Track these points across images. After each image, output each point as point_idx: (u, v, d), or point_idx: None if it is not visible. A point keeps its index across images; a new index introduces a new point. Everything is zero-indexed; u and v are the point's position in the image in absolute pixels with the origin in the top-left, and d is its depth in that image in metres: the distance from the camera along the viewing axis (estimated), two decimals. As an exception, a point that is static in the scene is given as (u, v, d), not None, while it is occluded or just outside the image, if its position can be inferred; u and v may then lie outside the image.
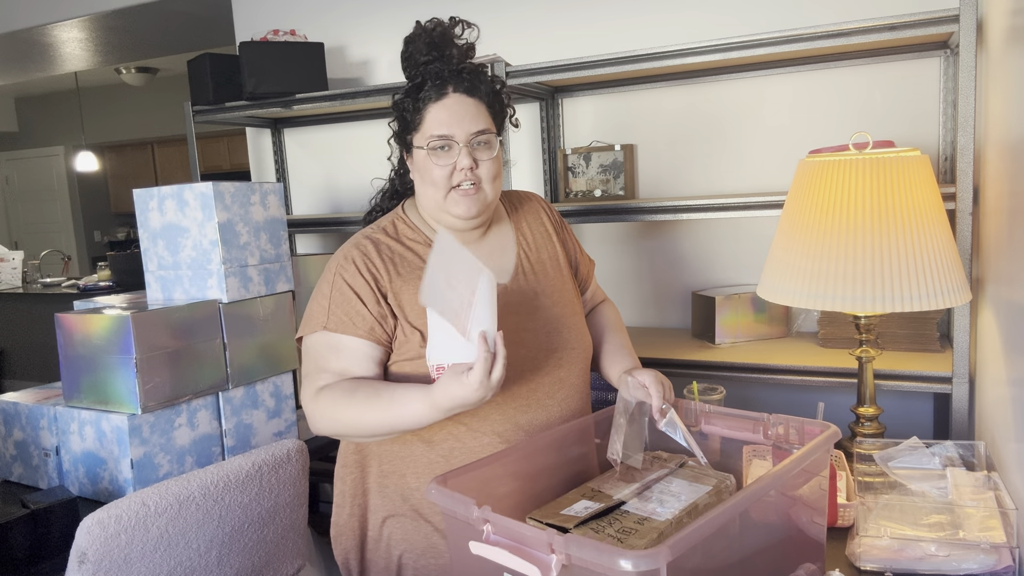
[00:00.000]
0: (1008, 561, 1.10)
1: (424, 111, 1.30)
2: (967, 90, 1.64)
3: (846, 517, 1.26)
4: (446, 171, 1.28)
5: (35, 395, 1.96)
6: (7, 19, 3.78)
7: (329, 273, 1.32)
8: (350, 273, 1.29)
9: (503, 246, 1.41)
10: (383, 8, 2.77)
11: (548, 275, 1.42)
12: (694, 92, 2.33)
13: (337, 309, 1.27)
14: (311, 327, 1.29)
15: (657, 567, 0.75)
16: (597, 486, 1.14)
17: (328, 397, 1.23)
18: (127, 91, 7.63)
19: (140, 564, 1.27)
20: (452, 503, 0.93)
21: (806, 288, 1.37)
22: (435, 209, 1.33)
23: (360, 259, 1.30)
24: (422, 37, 1.33)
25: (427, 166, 1.30)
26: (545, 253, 1.45)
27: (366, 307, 1.27)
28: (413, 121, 1.31)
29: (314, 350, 1.29)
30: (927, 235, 1.33)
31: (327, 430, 1.25)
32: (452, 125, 1.28)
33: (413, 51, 1.33)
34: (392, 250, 1.33)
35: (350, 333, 1.26)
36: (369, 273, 1.29)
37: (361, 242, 1.33)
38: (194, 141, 2.90)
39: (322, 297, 1.30)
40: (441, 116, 1.29)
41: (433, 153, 1.28)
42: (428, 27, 1.33)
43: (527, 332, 1.33)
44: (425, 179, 1.31)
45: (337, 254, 1.34)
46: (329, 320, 1.27)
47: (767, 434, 1.19)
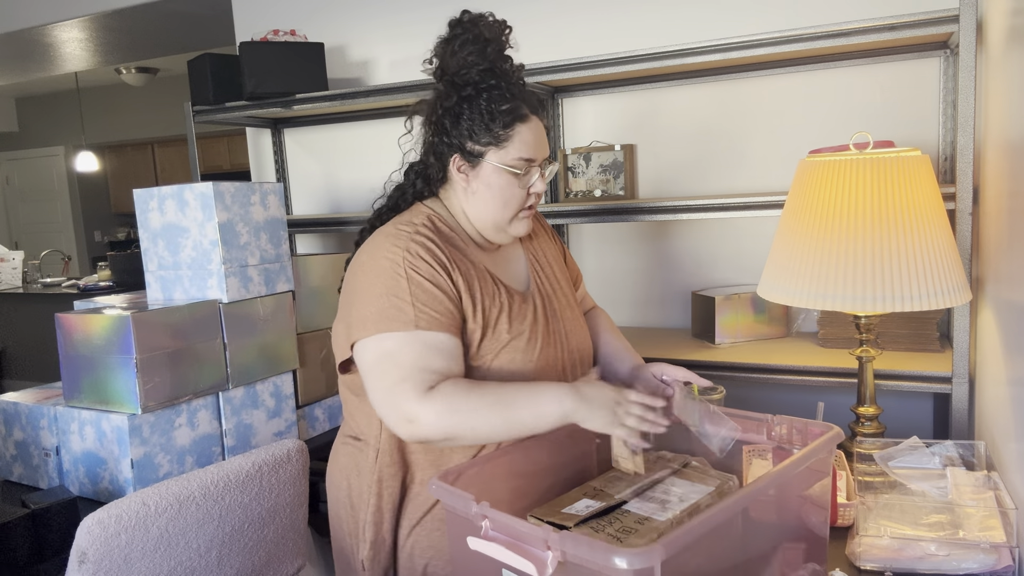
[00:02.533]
0: (1008, 561, 1.10)
1: (511, 130, 1.26)
2: (967, 90, 1.64)
3: (846, 517, 1.26)
4: (523, 193, 1.29)
5: (35, 395, 1.96)
6: (7, 19, 3.78)
7: (394, 268, 1.21)
8: (424, 268, 1.21)
9: (513, 255, 1.42)
10: (383, 8, 2.77)
11: (558, 281, 1.44)
12: (694, 92, 2.33)
13: (425, 307, 1.19)
14: (395, 326, 1.18)
15: (651, 565, 0.75)
16: (600, 485, 1.14)
17: (453, 393, 1.15)
18: (127, 91, 7.63)
19: (140, 564, 1.27)
20: (452, 499, 0.93)
21: (806, 288, 1.38)
22: (491, 225, 1.31)
23: (428, 253, 1.23)
24: (493, 43, 1.29)
25: (503, 185, 1.27)
26: (549, 257, 1.47)
27: (449, 299, 1.21)
28: (496, 136, 1.26)
29: (404, 351, 1.17)
30: (927, 235, 1.33)
31: (448, 429, 1.14)
32: (537, 150, 1.29)
33: (474, 51, 1.28)
34: (443, 245, 1.27)
35: (442, 330, 1.19)
36: (443, 267, 1.23)
37: (416, 237, 1.25)
38: (194, 141, 2.90)
39: (398, 292, 1.19)
40: (528, 139, 1.27)
41: (517, 176, 1.28)
42: (495, 27, 1.31)
43: (553, 335, 1.35)
44: (496, 196, 1.28)
45: (388, 250, 1.24)
46: (419, 319, 1.18)
47: (771, 435, 1.19)
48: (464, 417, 1.13)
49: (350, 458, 1.37)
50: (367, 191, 2.92)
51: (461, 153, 1.29)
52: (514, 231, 1.33)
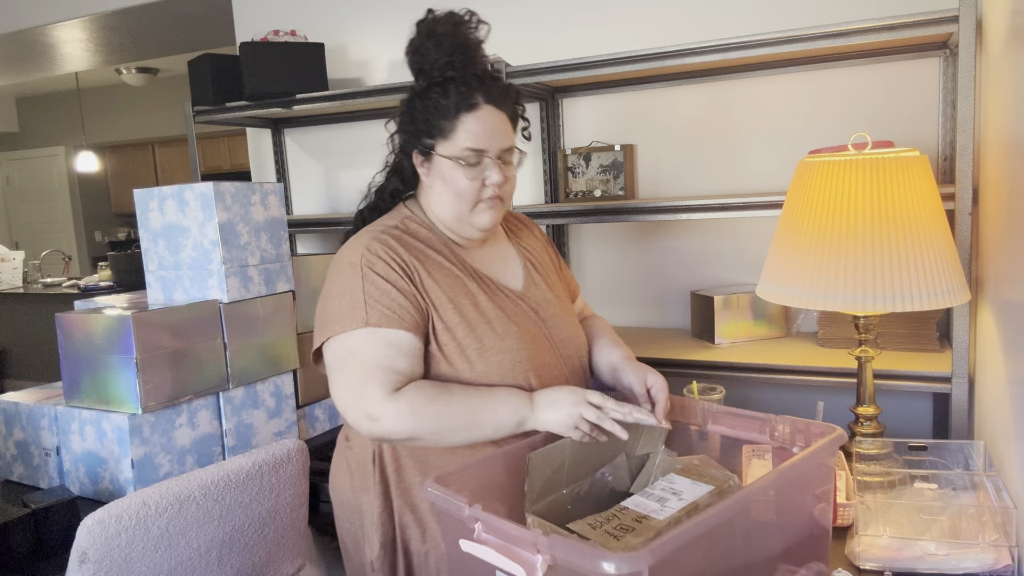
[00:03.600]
0: (1007, 560, 1.10)
1: (456, 120, 1.25)
2: (967, 90, 1.64)
3: (845, 516, 1.26)
4: (475, 185, 1.27)
5: (36, 395, 1.96)
6: (7, 19, 3.78)
7: (351, 268, 1.24)
8: (380, 266, 1.23)
9: (505, 256, 1.41)
10: (383, 8, 2.78)
11: (554, 284, 1.44)
12: (694, 92, 2.33)
13: (377, 304, 1.20)
14: (349, 325, 1.21)
15: (639, 569, 0.75)
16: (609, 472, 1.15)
17: (418, 397, 1.17)
18: (127, 91, 7.63)
19: (141, 564, 1.27)
20: (445, 501, 0.94)
21: (806, 288, 1.38)
22: (453, 219, 1.31)
23: (385, 252, 1.24)
24: (447, 37, 1.28)
25: (454, 177, 1.26)
26: (546, 265, 1.46)
27: (405, 298, 1.22)
28: (440, 128, 1.26)
29: (367, 349, 1.20)
30: (926, 235, 1.33)
31: (410, 431, 1.17)
32: (486, 139, 1.26)
33: (431, 47, 1.28)
34: (414, 247, 1.28)
35: (395, 326, 1.20)
36: (399, 265, 1.24)
37: (379, 236, 1.27)
38: (195, 141, 2.90)
39: (352, 293, 1.22)
40: (475, 128, 1.25)
41: (464, 167, 1.26)
42: (449, 20, 1.29)
43: (545, 339, 1.33)
44: (449, 189, 1.28)
45: (351, 251, 1.27)
46: (370, 316, 1.20)
47: (773, 435, 1.19)
48: (427, 421, 1.17)
49: (351, 459, 1.37)
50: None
51: (418, 148, 1.30)
52: (477, 223, 1.30)
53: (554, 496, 1.11)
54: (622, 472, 1.21)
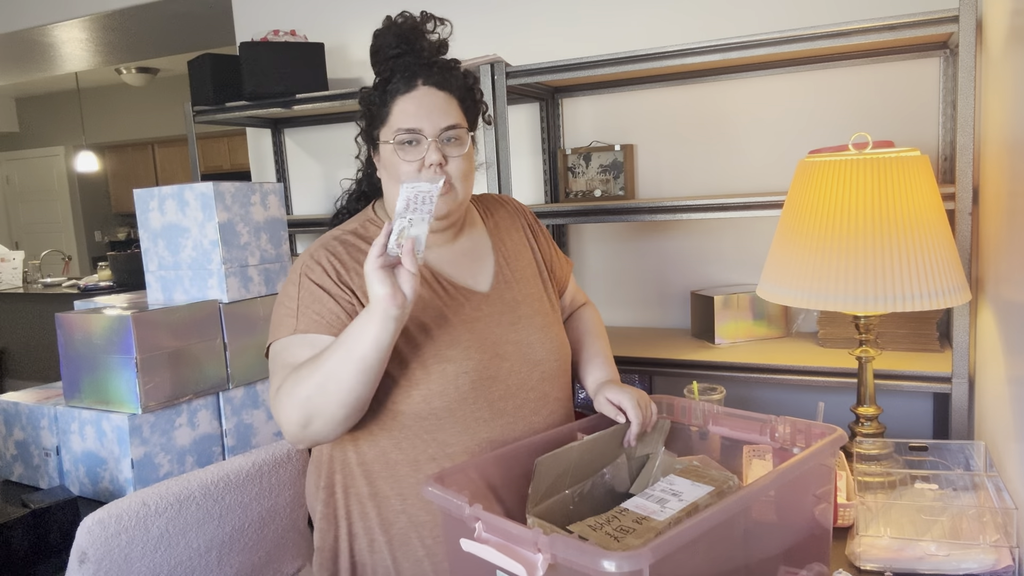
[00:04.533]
0: (1008, 561, 1.10)
1: (391, 104, 1.23)
2: (967, 90, 1.64)
3: (846, 517, 1.26)
4: (414, 167, 1.21)
5: (36, 395, 1.96)
6: (7, 19, 3.78)
7: (295, 275, 1.24)
8: (317, 273, 1.21)
9: (479, 252, 1.35)
10: (383, 8, 2.77)
11: (528, 283, 1.36)
12: (694, 92, 2.33)
13: (307, 310, 1.19)
14: (280, 333, 1.20)
15: (639, 568, 0.75)
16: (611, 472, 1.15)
17: (290, 379, 1.13)
18: (127, 91, 7.64)
19: (140, 564, 1.27)
20: (445, 501, 0.94)
21: (806, 288, 1.38)
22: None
23: (326, 259, 1.23)
24: (391, 29, 1.26)
25: (393, 161, 1.22)
26: (523, 260, 1.38)
27: (338, 304, 1.20)
28: (380, 115, 1.25)
29: (284, 352, 1.19)
30: (927, 235, 1.33)
31: (295, 418, 1.10)
32: (420, 118, 1.21)
33: (382, 44, 1.26)
34: (361, 251, 1.25)
35: (323, 332, 1.17)
36: (335, 272, 1.22)
37: (328, 243, 1.26)
38: (194, 141, 2.90)
39: (289, 300, 1.22)
40: (408, 108, 1.22)
41: (400, 148, 1.21)
42: (398, 20, 1.27)
43: (510, 344, 1.26)
44: (391, 176, 1.24)
45: (299, 260, 1.26)
46: (299, 323, 1.18)
47: (773, 436, 1.19)
48: (304, 388, 1.09)
49: (313, 463, 1.33)
50: (367, 191, 2.93)
51: (373, 145, 1.29)
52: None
53: (555, 498, 1.11)
54: (622, 473, 1.21)
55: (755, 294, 2.15)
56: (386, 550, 1.22)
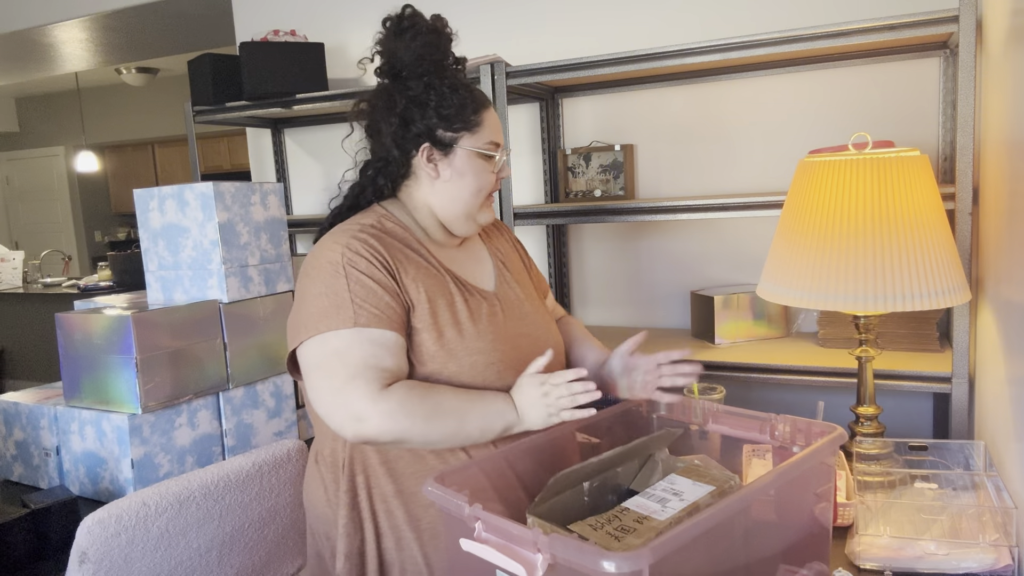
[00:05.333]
0: (1007, 560, 1.10)
1: (481, 114, 1.27)
2: (967, 90, 1.64)
3: (845, 516, 1.26)
4: (492, 178, 1.29)
5: (36, 395, 1.96)
6: (7, 19, 3.78)
7: (334, 266, 1.20)
8: (363, 265, 1.19)
9: (479, 256, 1.39)
10: (383, 8, 2.77)
11: (523, 285, 1.41)
12: (694, 92, 2.33)
13: (364, 303, 1.17)
14: (335, 324, 1.16)
15: (639, 568, 0.75)
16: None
17: (408, 397, 1.13)
18: (127, 91, 7.63)
19: (140, 564, 1.27)
20: (445, 501, 0.94)
21: (806, 288, 1.38)
22: (461, 215, 1.30)
23: (367, 250, 1.21)
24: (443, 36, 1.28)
25: (477, 170, 1.27)
26: (515, 265, 1.44)
27: (391, 296, 1.19)
28: (468, 121, 1.26)
29: (352, 349, 1.15)
30: (927, 235, 1.33)
31: (399, 432, 1.13)
32: (501, 135, 1.31)
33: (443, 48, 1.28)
34: (392, 245, 1.26)
35: (383, 327, 1.17)
36: (382, 263, 1.21)
37: (358, 235, 1.23)
38: (194, 141, 2.90)
39: (336, 291, 1.18)
40: (495, 124, 1.30)
41: (488, 160, 1.28)
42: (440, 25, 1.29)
43: (523, 338, 1.31)
44: (469, 183, 1.27)
45: (330, 250, 1.22)
46: (358, 316, 1.16)
47: (773, 435, 1.19)
48: (416, 422, 1.13)
49: (322, 471, 1.31)
50: (367, 191, 2.93)
51: (431, 142, 1.27)
52: (482, 219, 1.32)
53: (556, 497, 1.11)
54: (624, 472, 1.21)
55: (755, 294, 2.15)
56: (415, 546, 1.23)
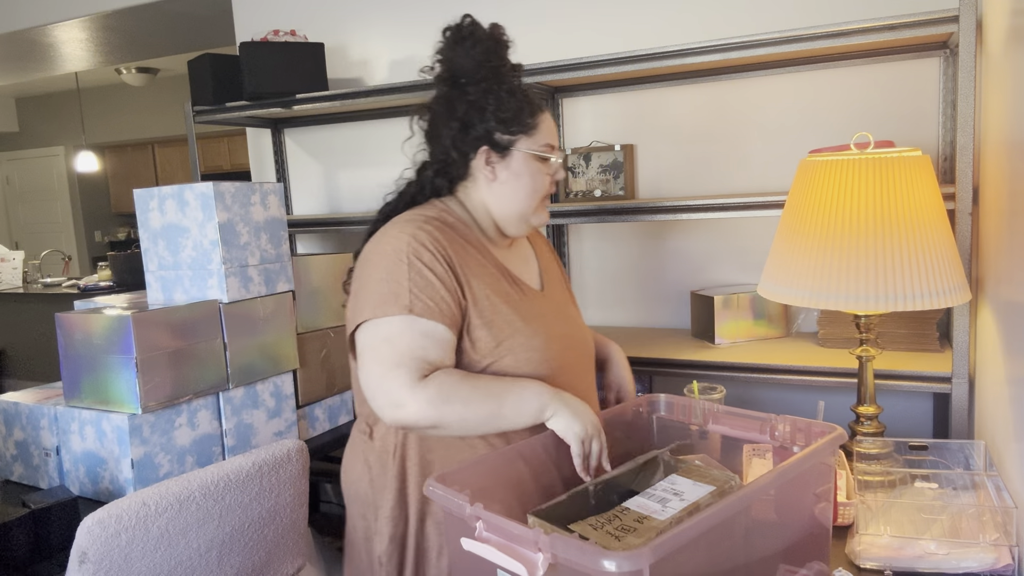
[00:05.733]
0: (1007, 560, 1.10)
1: (538, 117, 1.31)
2: (967, 90, 1.64)
3: (846, 516, 1.26)
4: (548, 180, 1.33)
5: (35, 395, 1.96)
6: (7, 19, 3.78)
7: (398, 253, 1.23)
8: (427, 257, 1.23)
9: (526, 256, 1.45)
10: (383, 8, 2.78)
11: (564, 289, 1.49)
12: (694, 92, 2.33)
13: (421, 294, 1.21)
14: (390, 310, 1.20)
15: (639, 568, 0.75)
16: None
17: (445, 383, 1.17)
18: (127, 91, 7.63)
19: (140, 563, 1.27)
20: (447, 500, 0.94)
21: (807, 287, 1.38)
22: (516, 216, 1.34)
23: (431, 242, 1.25)
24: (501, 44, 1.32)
25: (533, 172, 1.31)
26: (555, 270, 1.51)
27: (447, 291, 1.23)
28: (526, 124, 1.29)
29: (402, 337, 1.19)
30: (927, 235, 1.33)
31: (436, 417, 1.17)
32: (556, 138, 1.34)
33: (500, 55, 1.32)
34: (454, 240, 1.29)
35: (436, 319, 1.21)
36: (444, 256, 1.25)
37: (423, 227, 1.27)
38: (194, 141, 2.90)
39: (396, 278, 1.22)
40: (551, 127, 1.33)
41: (543, 162, 1.31)
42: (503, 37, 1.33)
43: (569, 338, 1.36)
44: (525, 185, 1.31)
45: (395, 238, 1.26)
46: (413, 305, 1.20)
47: (773, 435, 1.19)
48: (454, 407, 1.17)
49: (368, 452, 1.34)
50: (367, 191, 2.92)
51: (490, 145, 1.30)
52: (536, 221, 1.36)
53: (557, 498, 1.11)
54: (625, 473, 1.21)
55: (755, 294, 2.15)
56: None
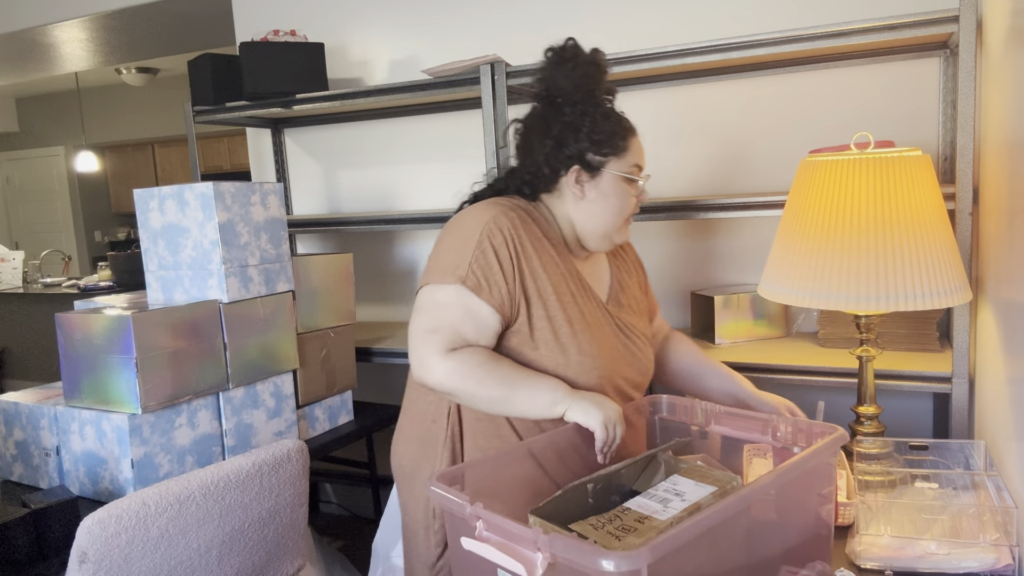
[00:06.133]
0: (1008, 560, 1.10)
1: (629, 140, 1.35)
2: (967, 90, 1.64)
3: (846, 516, 1.26)
4: (633, 200, 1.36)
5: (36, 395, 1.96)
6: (7, 19, 3.78)
7: (472, 229, 1.29)
8: (498, 240, 1.28)
9: (600, 270, 1.48)
10: (383, 8, 2.78)
11: (636, 305, 1.50)
12: (694, 92, 2.33)
13: (478, 270, 1.26)
14: (446, 277, 1.27)
15: (638, 567, 0.75)
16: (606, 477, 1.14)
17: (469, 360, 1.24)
18: (127, 91, 7.63)
19: (140, 563, 1.27)
20: (447, 500, 0.94)
21: (807, 287, 1.38)
22: (599, 234, 1.37)
23: (509, 230, 1.29)
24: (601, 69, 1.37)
25: (620, 192, 1.35)
26: (632, 285, 1.52)
27: (504, 278, 1.27)
28: (617, 146, 1.34)
29: (449, 307, 1.27)
30: (927, 235, 1.33)
31: (452, 387, 1.24)
32: (644, 160, 1.38)
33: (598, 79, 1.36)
34: (534, 233, 1.34)
35: (483, 299, 1.26)
36: (514, 247, 1.29)
37: (507, 213, 1.32)
38: (194, 141, 2.90)
39: (462, 251, 1.28)
40: (640, 149, 1.37)
41: (631, 183, 1.35)
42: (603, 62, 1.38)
43: (623, 354, 1.39)
44: (612, 204, 1.35)
45: (481, 212, 1.32)
46: (467, 275, 1.26)
47: (775, 435, 1.19)
48: (467, 384, 1.24)
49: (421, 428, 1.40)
50: (367, 191, 2.92)
51: (581, 164, 1.34)
52: (618, 239, 1.39)
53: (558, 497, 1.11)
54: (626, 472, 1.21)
55: (755, 294, 2.15)
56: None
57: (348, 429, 2.34)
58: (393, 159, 2.85)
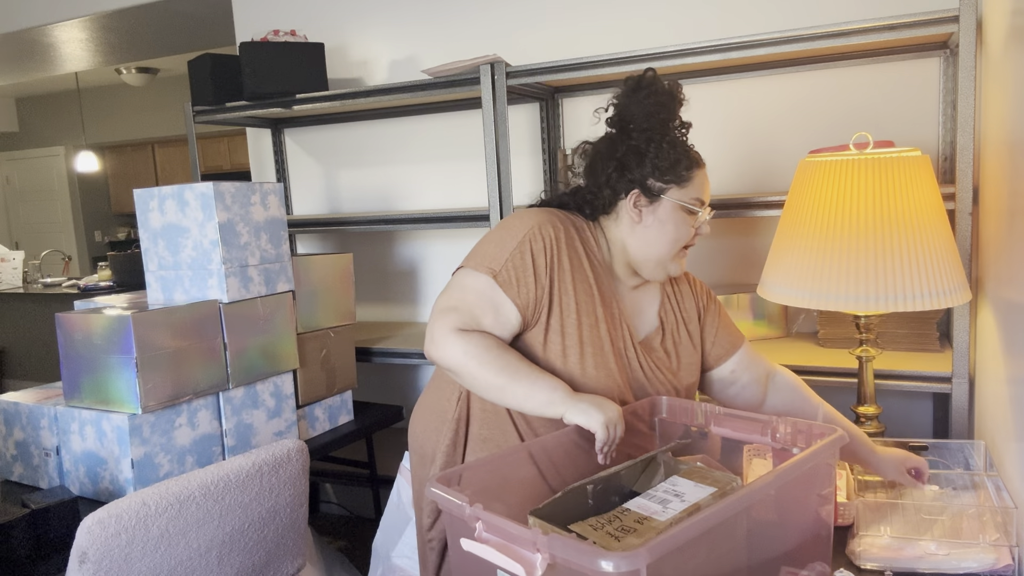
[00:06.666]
0: (1007, 560, 1.11)
1: (693, 171, 1.34)
2: (967, 90, 1.64)
3: (846, 516, 1.26)
4: (690, 232, 1.36)
5: (36, 395, 1.96)
6: (7, 19, 3.78)
7: (518, 229, 1.33)
8: (538, 245, 1.31)
9: (645, 305, 1.45)
10: (383, 8, 2.78)
11: (683, 345, 1.44)
12: (694, 92, 2.33)
13: (512, 267, 1.29)
14: (481, 264, 1.31)
15: (636, 568, 0.75)
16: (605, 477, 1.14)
17: (476, 343, 1.26)
18: (127, 91, 7.63)
19: (140, 563, 1.27)
20: (447, 501, 0.94)
21: (806, 288, 1.38)
22: (653, 262, 1.36)
23: (552, 237, 1.32)
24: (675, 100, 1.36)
25: (678, 222, 1.34)
26: (685, 323, 1.46)
27: (535, 282, 1.30)
28: (680, 175, 1.33)
29: (474, 293, 1.30)
30: (927, 235, 1.33)
31: (455, 366, 1.27)
32: (707, 194, 1.37)
33: (672, 110, 1.36)
34: (577, 250, 1.35)
35: (510, 296, 1.29)
36: (553, 254, 1.31)
37: (556, 224, 1.34)
38: (195, 141, 2.90)
39: (503, 246, 1.32)
40: (704, 183, 1.36)
41: (690, 215, 1.34)
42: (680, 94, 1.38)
43: (636, 392, 1.37)
44: (668, 233, 1.34)
45: (532, 216, 1.35)
46: (501, 270, 1.29)
47: (774, 436, 1.19)
48: (471, 365, 1.26)
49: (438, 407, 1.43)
50: (367, 191, 2.92)
51: (642, 189, 1.34)
52: (672, 270, 1.38)
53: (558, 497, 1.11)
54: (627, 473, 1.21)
55: (755, 294, 2.15)
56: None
57: (348, 429, 2.34)
58: (393, 159, 2.85)
